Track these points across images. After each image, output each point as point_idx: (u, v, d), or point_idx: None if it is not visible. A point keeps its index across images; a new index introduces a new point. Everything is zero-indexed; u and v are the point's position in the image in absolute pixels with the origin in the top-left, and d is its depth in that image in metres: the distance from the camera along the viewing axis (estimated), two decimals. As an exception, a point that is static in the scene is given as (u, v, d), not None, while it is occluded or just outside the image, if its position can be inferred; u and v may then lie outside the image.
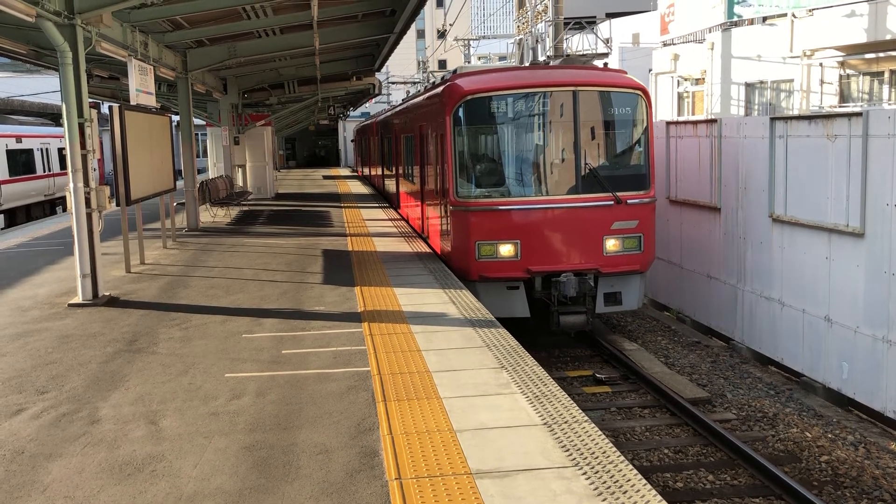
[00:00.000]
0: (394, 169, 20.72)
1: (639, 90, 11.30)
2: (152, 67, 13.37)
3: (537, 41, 25.88)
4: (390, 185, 22.29)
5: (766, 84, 20.76)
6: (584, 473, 4.60)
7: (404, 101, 21.08)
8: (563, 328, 10.81)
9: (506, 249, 10.85)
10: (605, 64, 12.83)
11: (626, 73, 12.10)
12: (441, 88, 12.29)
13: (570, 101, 10.96)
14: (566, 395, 5.95)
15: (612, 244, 11.03)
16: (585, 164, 11.02)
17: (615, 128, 11.41)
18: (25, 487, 4.71)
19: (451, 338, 7.65)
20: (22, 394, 6.45)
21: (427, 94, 14.24)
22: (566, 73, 11.68)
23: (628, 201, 11.03)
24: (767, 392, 10.40)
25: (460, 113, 11.10)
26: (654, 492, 4.36)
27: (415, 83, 43.19)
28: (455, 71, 13.18)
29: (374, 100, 43.37)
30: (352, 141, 49.45)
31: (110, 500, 4.51)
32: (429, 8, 71.62)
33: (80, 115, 9.62)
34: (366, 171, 35.23)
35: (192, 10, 13.34)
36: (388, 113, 23.91)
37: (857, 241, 9.62)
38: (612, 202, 10.95)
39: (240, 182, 25.66)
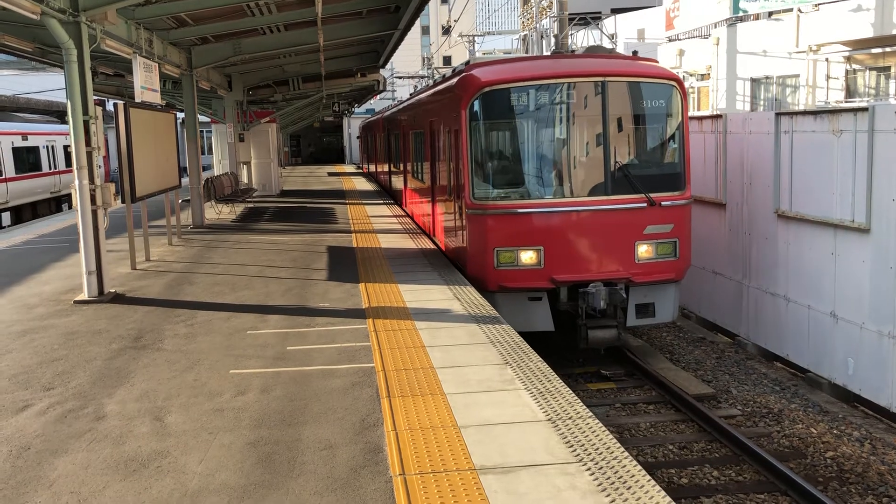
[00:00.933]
0: (401, 167, 20.04)
1: (673, 81, 10.35)
2: (157, 64, 13.40)
3: (542, 37, 25.82)
4: (397, 183, 21.56)
5: (772, 79, 20.69)
6: (588, 469, 4.61)
7: (412, 95, 20.14)
8: (591, 344, 9.92)
9: (527, 257, 9.91)
10: (636, 52, 11.96)
11: (657, 62, 11.20)
12: (455, 80, 11.31)
13: (599, 92, 10.03)
14: (570, 392, 5.95)
15: (644, 250, 10.07)
16: (615, 162, 10.11)
17: (647, 122, 10.41)
18: (31, 483, 4.73)
19: (455, 334, 7.65)
20: (28, 390, 6.48)
21: (438, 88, 13.22)
22: (593, 62, 10.63)
23: (662, 203, 10.05)
24: (773, 388, 10.38)
25: (477, 107, 10.17)
26: (657, 487, 4.36)
27: (423, 77, 43.13)
28: (468, 62, 12.09)
29: (378, 96, 43.32)
30: (357, 137, 49.35)
31: (116, 496, 4.53)
32: (433, 4, 71.55)
33: (86, 112, 9.64)
34: (371, 168, 34.73)
35: (197, 7, 13.35)
36: (396, 108, 23.07)
37: (862, 237, 9.59)
38: (644, 204, 9.98)
39: (245, 179, 25.69)
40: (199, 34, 15.95)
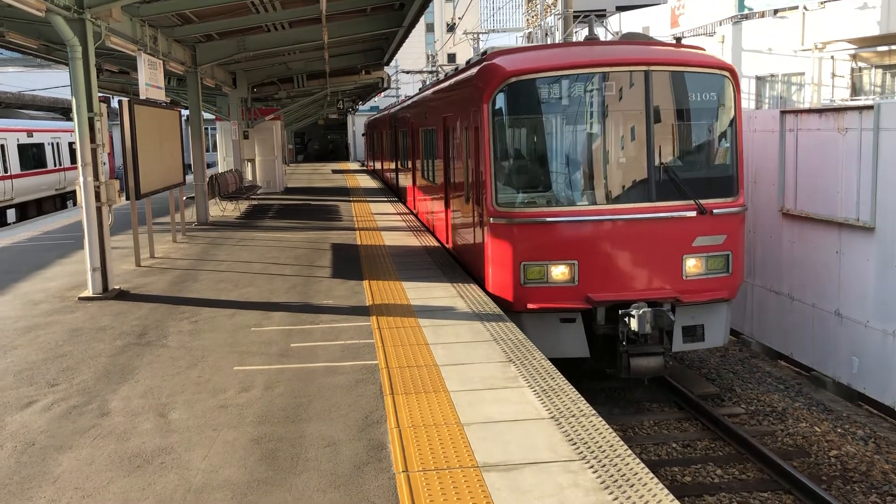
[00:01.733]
0: (409, 166, 18.98)
1: (726, 71, 9.16)
2: (162, 62, 13.42)
3: (546, 35, 25.79)
4: (405, 184, 20.42)
5: (777, 77, 20.64)
6: (591, 467, 4.60)
7: (421, 90, 18.83)
8: (634, 373, 8.70)
9: (559, 272, 8.77)
10: (679, 39, 10.98)
11: (704, 49, 10.07)
12: (474, 70, 10.09)
13: (641, 84, 8.87)
14: (574, 389, 5.95)
15: (692, 265, 8.91)
16: (660, 163, 8.92)
17: (697, 118, 9.28)
18: (36, 479, 4.75)
19: (458, 331, 7.65)
20: (33, 386, 6.50)
21: (454, 80, 11.92)
22: (634, 49, 9.47)
23: (714, 211, 8.89)
24: (777, 387, 10.36)
25: (501, 100, 9.01)
26: (661, 485, 4.36)
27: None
28: (485, 52, 10.81)
29: (383, 94, 43.31)
30: (362, 135, 49.27)
31: (120, 492, 4.54)
32: (438, 1, 71.52)
33: (90, 109, 9.66)
34: (377, 166, 34.14)
35: (201, 5, 13.37)
36: (404, 105, 21.58)
37: (867, 236, 9.56)
38: (694, 212, 8.81)
39: (249, 176, 25.72)
40: (204, 31, 15.97)
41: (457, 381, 6.21)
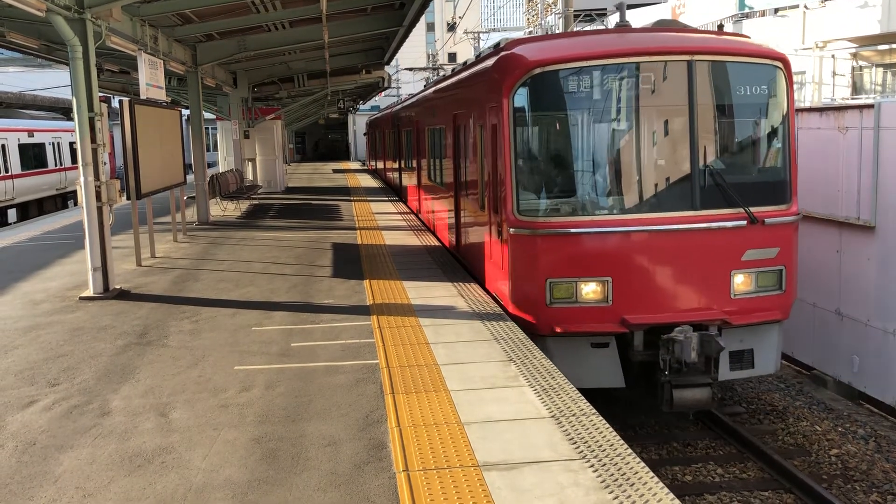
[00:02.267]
0: (414, 168, 18.10)
1: (779, 62, 8.17)
2: (162, 61, 13.42)
3: (547, 34, 25.80)
4: (410, 186, 19.54)
5: (778, 76, 20.63)
6: (592, 466, 4.61)
7: (427, 87, 17.61)
8: (677, 407, 7.65)
9: (591, 290, 7.78)
10: (721, 26, 9.86)
11: (748, 37, 9.14)
12: (491, 62, 9.06)
13: (684, 75, 7.86)
14: (574, 388, 5.95)
15: (741, 282, 7.91)
16: (705, 166, 7.92)
17: (746, 114, 8.23)
18: (37, 478, 4.76)
19: (459, 331, 7.66)
20: (34, 386, 6.51)
21: (466, 74, 10.93)
22: (674, 37, 8.40)
23: (766, 220, 7.88)
24: (777, 385, 10.37)
25: (524, 94, 8.01)
26: (661, 484, 4.36)
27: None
28: (498, 44, 9.78)
29: (383, 93, 43.34)
30: (364, 134, 49.21)
31: (121, 492, 4.55)
32: (438, 1, 71.51)
33: (91, 109, 9.66)
34: (379, 165, 33.45)
35: (202, 4, 13.37)
36: (408, 102, 20.58)
37: (867, 235, 9.56)
38: (743, 222, 7.81)
39: (250, 176, 25.73)
40: (205, 31, 15.98)
41: (457, 380, 6.21)
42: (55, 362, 7.16)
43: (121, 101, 11.02)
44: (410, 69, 36.52)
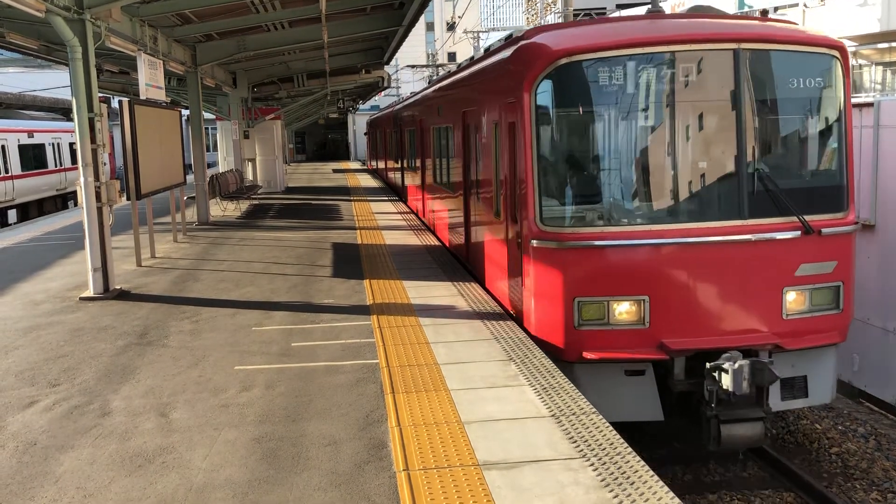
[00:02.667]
0: (417, 169, 17.25)
1: (836, 50, 7.27)
2: (162, 62, 13.43)
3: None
4: (416, 194, 18.43)
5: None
6: (592, 465, 4.61)
7: (431, 84, 16.74)
8: (725, 444, 6.71)
9: (625, 311, 6.93)
10: (765, 11, 8.82)
11: (796, 24, 8.46)
12: (508, 53, 8.16)
13: (729, 66, 6.98)
14: (574, 387, 5.96)
15: (793, 300, 7.05)
16: (755, 169, 7.04)
17: (798, 110, 7.35)
18: (38, 478, 4.76)
19: (459, 330, 7.66)
20: (34, 386, 6.51)
21: (478, 67, 10.08)
22: (717, 24, 7.48)
23: (823, 231, 7.03)
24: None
25: (548, 88, 7.13)
26: (661, 483, 4.37)
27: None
28: (510, 36, 8.97)
29: (383, 93, 43.35)
30: (364, 134, 49.12)
31: (121, 492, 4.55)
32: (438, 0, 71.48)
33: (91, 109, 9.67)
34: (381, 165, 32.68)
35: (201, 5, 13.38)
36: (411, 100, 19.56)
37: (867, 233, 9.57)
38: (797, 232, 6.97)
39: (250, 176, 25.74)
40: (204, 31, 15.98)
41: (457, 379, 6.22)
42: (55, 363, 7.16)
43: (120, 102, 11.02)
44: (413, 66, 36.44)
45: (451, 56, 62.18)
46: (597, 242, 6.97)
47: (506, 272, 8.42)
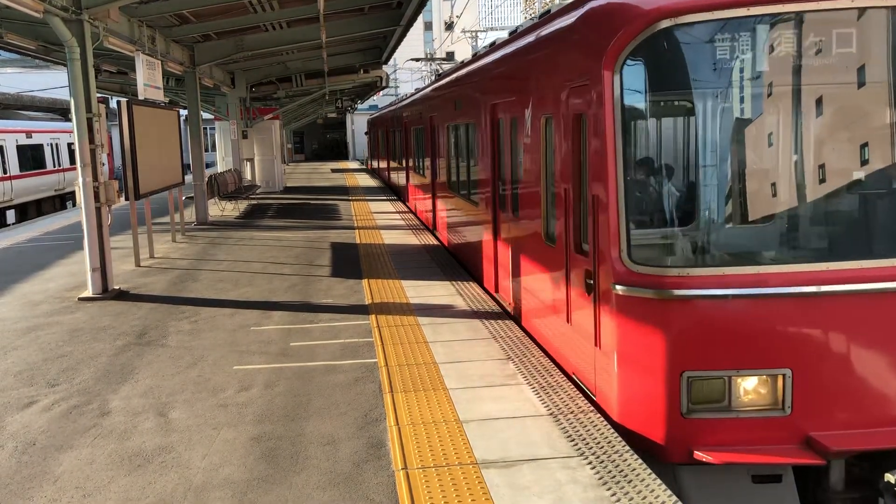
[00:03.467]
0: (425, 168, 15.36)
1: None
2: (160, 62, 13.43)
3: None
4: (424, 203, 16.36)
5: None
6: (590, 463, 4.63)
7: (440, 77, 14.26)
8: None
9: (755, 390, 4.88)
10: None
11: None
12: (573, 18, 5.89)
13: (883, 31, 4.82)
14: (572, 386, 5.97)
15: None
16: None
17: None
18: (37, 478, 4.77)
19: (457, 329, 7.67)
20: (33, 386, 6.52)
21: (516, 47, 7.81)
22: None
23: None
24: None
25: (642, 63, 4.95)
26: (658, 481, 4.38)
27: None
28: (548, 12, 7.06)
29: (381, 92, 43.34)
30: (364, 133, 48.93)
31: (120, 491, 4.57)
32: (436, 0, 71.48)
33: (89, 109, 9.67)
34: (382, 165, 31.04)
35: (199, 5, 13.38)
36: (418, 96, 17.32)
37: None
38: None
39: (248, 176, 25.75)
40: (202, 31, 15.99)
41: (456, 378, 6.23)
42: (54, 363, 7.17)
43: (119, 102, 11.03)
44: (416, 59, 36.31)
45: (450, 55, 62.20)
46: (720, 292, 4.79)
47: (564, 320, 6.23)
